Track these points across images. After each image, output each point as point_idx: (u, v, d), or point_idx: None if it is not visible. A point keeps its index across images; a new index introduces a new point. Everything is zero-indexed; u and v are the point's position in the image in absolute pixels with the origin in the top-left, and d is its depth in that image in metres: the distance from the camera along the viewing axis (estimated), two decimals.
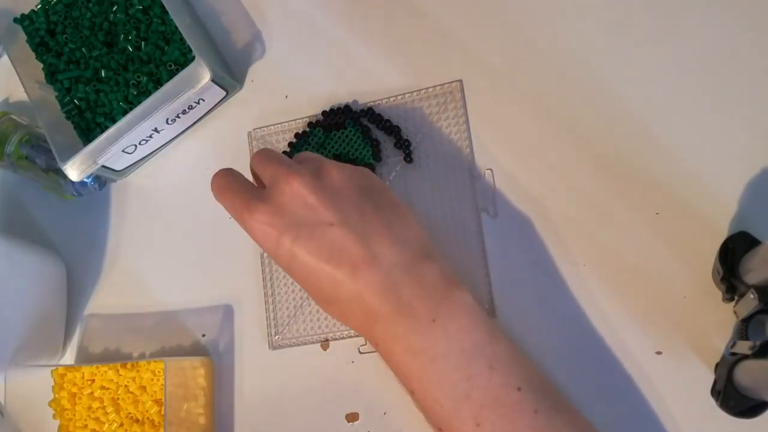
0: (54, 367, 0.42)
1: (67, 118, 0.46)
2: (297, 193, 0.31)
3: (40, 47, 0.47)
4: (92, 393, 0.41)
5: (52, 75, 0.47)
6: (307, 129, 0.42)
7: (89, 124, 0.46)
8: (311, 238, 0.30)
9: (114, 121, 0.44)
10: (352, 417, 0.39)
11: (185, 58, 0.44)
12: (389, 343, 0.30)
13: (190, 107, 0.43)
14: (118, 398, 0.41)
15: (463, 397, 0.28)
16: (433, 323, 0.29)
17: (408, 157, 0.40)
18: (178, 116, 0.43)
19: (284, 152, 0.43)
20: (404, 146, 0.40)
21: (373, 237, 0.30)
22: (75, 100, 0.46)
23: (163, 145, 0.45)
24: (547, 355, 0.36)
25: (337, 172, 0.32)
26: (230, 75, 0.45)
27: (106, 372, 0.41)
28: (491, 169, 0.39)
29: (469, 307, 0.30)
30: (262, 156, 0.34)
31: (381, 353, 0.31)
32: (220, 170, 0.35)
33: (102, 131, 0.42)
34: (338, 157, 0.41)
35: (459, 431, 0.29)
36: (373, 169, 0.40)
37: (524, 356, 0.31)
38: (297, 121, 0.43)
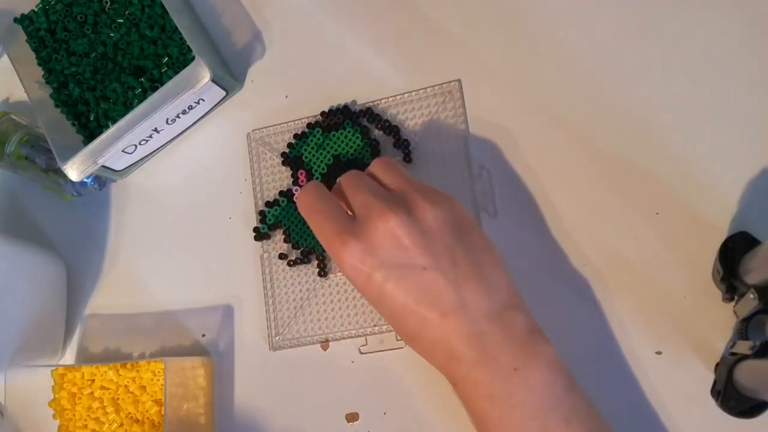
0: (54, 367, 0.42)
1: (67, 118, 0.46)
2: (392, 232, 0.31)
3: (40, 47, 0.47)
4: (92, 393, 0.41)
5: (51, 75, 0.47)
6: (306, 130, 0.42)
7: (89, 124, 0.46)
8: (402, 279, 0.30)
9: (114, 121, 0.44)
10: (352, 417, 0.39)
11: (185, 58, 0.44)
12: (469, 388, 0.30)
13: (190, 107, 0.43)
14: (118, 398, 0.41)
15: None
16: (515, 372, 0.29)
17: (407, 157, 0.40)
18: (178, 116, 0.43)
19: (283, 153, 0.43)
20: (403, 146, 0.40)
21: (463, 283, 0.30)
22: (74, 100, 0.46)
23: (163, 145, 0.45)
24: None
25: (431, 211, 0.31)
26: (230, 75, 0.45)
27: (106, 372, 0.41)
28: (490, 169, 0.39)
29: (551, 359, 0.30)
30: (352, 180, 0.34)
31: (458, 393, 0.31)
32: (308, 185, 0.35)
33: (102, 131, 0.42)
34: (337, 158, 0.41)
35: None
36: None
37: (598, 411, 0.31)
38: (296, 121, 0.43)
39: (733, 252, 0.32)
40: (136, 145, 0.43)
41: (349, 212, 0.34)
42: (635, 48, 0.38)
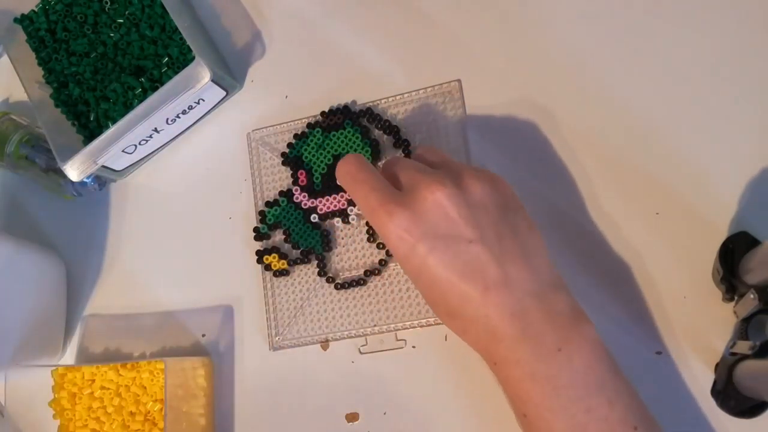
0: (54, 367, 0.42)
1: (67, 118, 0.46)
2: (439, 203, 0.30)
3: (40, 47, 0.47)
4: (92, 393, 0.41)
5: (51, 75, 0.47)
6: (306, 130, 0.42)
7: (89, 124, 0.46)
8: (447, 251, 0.30)
9: (114, 121, 0.44)
10: (352, 417, 0.39)
11: (185, 58, 0.44)
12: (510, 366, 0.30)
13: (190, 107, 0.43)
14: (118, 398, 0.41)
15: (579, 429, 0.28)
16: (559, 352, 0.29)
17: (407, 157, 0.40)
18: (178, 116, 0.43)
19: (283, 153, 0.43)
20: (403, 146, 0.40)
21: (508, 260, 0.30)
22: (74, 100, 0.46)
23: (163, 145, 0.45)
24: None
25: (478, 186, 0.31)
26: (230, 75, 0.45)
27: (106, 372, 0.41)
28: (490, 169, 0.39)
29: (594, 341, 0.30)
30: (396, 160, 0.34)
31: (497, 373, 0.31)
32: (348, 156, 0.34)
33: (102, 131, 0.42)
34: (337, 158, 0.41)
35: None
36: None
37: (639, 396, 0.30)
38: (296, 122, 0.43)
39: (733, 252, 0.32)
40: (136, 145, 0.43)
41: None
42: (636, 48, 0.38)
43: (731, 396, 0.31)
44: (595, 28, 0.38)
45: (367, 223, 0.40)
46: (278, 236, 0.42)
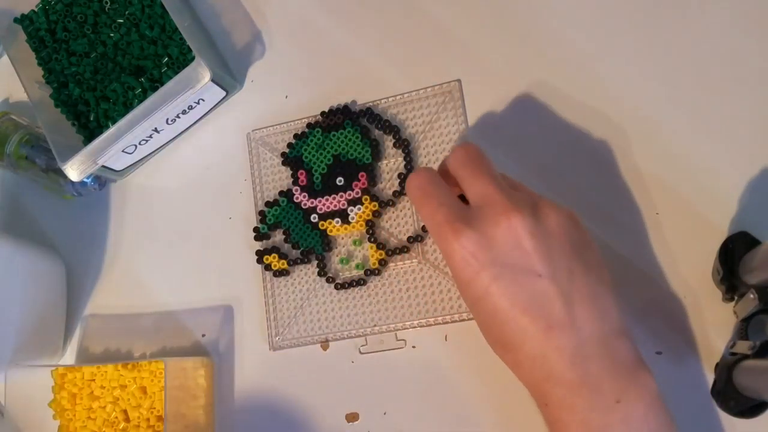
0: (54, 367, 0.42)
1: (67, 118, 0.46)
2: (513, 231, 0.28)
3: (40, 47, 0.47)
4: (92, 393, 0.41)
5: (51, 75, 0.47)
6: (306, 130, 0.42)
7: (89, 124, 0.46)
8: (513, 283, 0.28)
9: (114, 121, 0.44)
10: (352, 417, 0.39)
11: (185, 58, 0.44)
12: (563, 412, 0.28)
13: (190, 107, 0.43)
14: (118, 398, 0.41)
15: None
16: (617, 404, 0.28)
17: (407, 157, 0.40)
18: (178, 116, 0.43)
19: (283, 153, 0.43)
20: (403, 146, 0.40)
21: (577, 300, 0.28)
22: (74, 100, 0.46)
23: (163, 145, 0.45)
24: None
25: (555, 218, 0.29)
26: (230, 75, 0.45)
27: (106, 372, 0.41)
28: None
29: (653, 394, 0.28)
30: (469, 160, 0.32)
31: (546, 413, 0.30)
32: (420, 170, 0.33)
33: (102, 131, 0.42)
34: (337, 158, 0.41)
35: None
36: (372, 169, 0.40)
37: None
38: (296, 122, 0.43)
39: (733, 252, 0.32)
40: (136, 145, 0.43)
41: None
42: (636, 48, 0.38)
43: (731, 396, 0.31)
44: (596, 27, 0.38)
45: (366, 223, 0.40)
46: (278, 236, 0.42)
